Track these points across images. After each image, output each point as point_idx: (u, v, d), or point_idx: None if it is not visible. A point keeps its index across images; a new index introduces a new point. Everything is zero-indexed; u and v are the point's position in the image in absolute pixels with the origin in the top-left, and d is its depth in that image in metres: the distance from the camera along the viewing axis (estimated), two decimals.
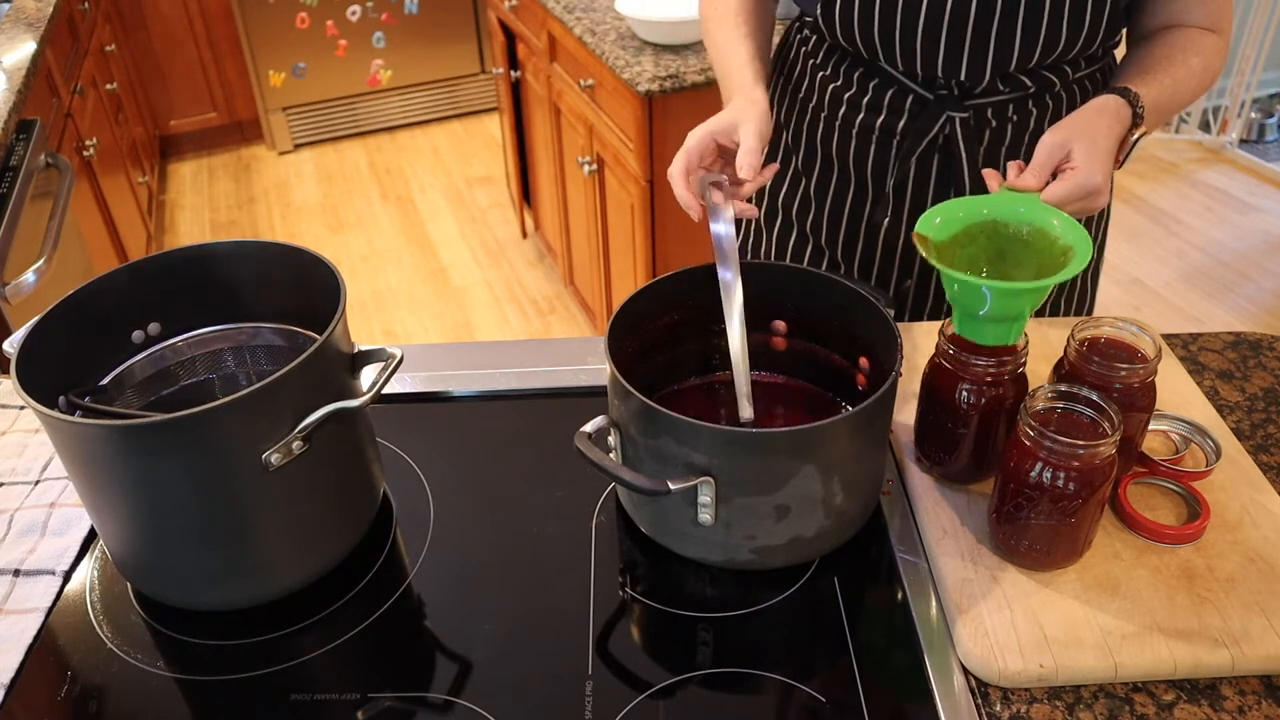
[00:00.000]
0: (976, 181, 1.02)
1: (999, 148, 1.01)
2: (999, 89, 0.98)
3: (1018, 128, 1.01)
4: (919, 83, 0.99)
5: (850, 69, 1.03)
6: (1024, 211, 0.78)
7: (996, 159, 1.02)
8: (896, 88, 1.01)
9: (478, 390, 0.99)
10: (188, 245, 0.84)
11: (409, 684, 0.71)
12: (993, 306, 0.73)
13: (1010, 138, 1.01)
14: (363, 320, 2.92)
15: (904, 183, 1.04)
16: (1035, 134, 1.01)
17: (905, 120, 1.01)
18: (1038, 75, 0.98)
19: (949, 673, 0.70)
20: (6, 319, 1.58)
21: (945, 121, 1.00)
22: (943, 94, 0.99)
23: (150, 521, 0.71)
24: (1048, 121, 1.01)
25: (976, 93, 0.99)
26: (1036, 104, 1.00)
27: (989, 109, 0.99)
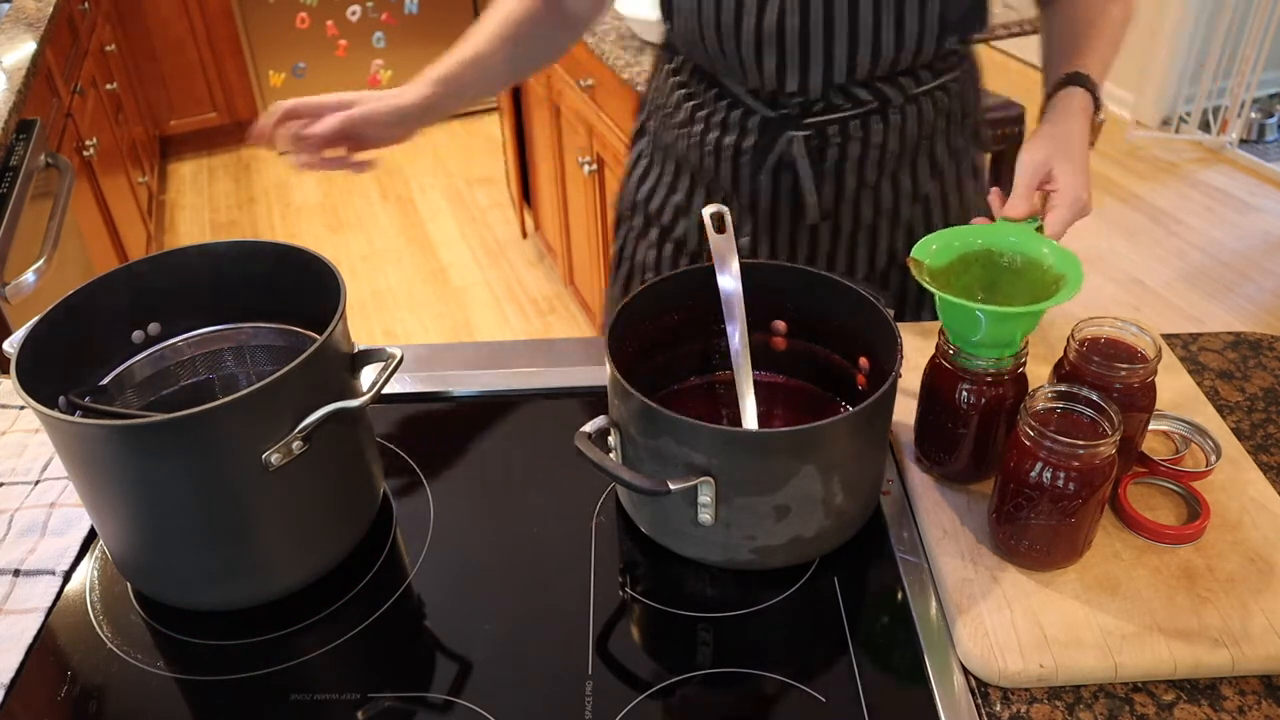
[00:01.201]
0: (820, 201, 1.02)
1: (844, 164, 1.01)
2: (839, 106, 0.98)
3: (863, 144, 1.00)
4: (761, 100, 0.99)
5: (707, 88, 1.03)
6: (1016, 241, 0.79)
7: (843, 175, 1.01)
8: (743, 108, 1.01)
9: (478, 390, 0.99)
10: (187, 245, 0.84)
11: (409, 684, 0.71)
12: (986, 331, 0.73)
13: (856, 154, 1.00)
14: (363, 320, 2.92)
15: (755, 199, 1.04)
16: (882, 150, 1.00)
17: (751, 138, 1.01)
18: (875, 90, 0.97)
19: (949, 673, 0.70)
20: (6, 319, 1.58)
21: (787, 141, 1.00)
22: (784, 113, 0.99)
23: (150, 521, 0.71)
24: (894, 137, 1.00)
25: (816, 110, 0.98)
26: (882, 120, 0.99)
27: (830, 127, 0.99)
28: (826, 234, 1.05)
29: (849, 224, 1.05)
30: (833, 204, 1.03)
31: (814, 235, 1.05)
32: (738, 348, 0.82)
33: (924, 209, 1.06)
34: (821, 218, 1.04)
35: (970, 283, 0.80)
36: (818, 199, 1.02)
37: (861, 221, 1.05)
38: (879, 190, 1.03)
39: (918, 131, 1.01)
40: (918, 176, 1.04)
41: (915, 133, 1.01)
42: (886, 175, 1.02)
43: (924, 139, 1.02)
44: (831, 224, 1.05)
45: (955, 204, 1.09)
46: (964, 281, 0.79)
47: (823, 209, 1.03)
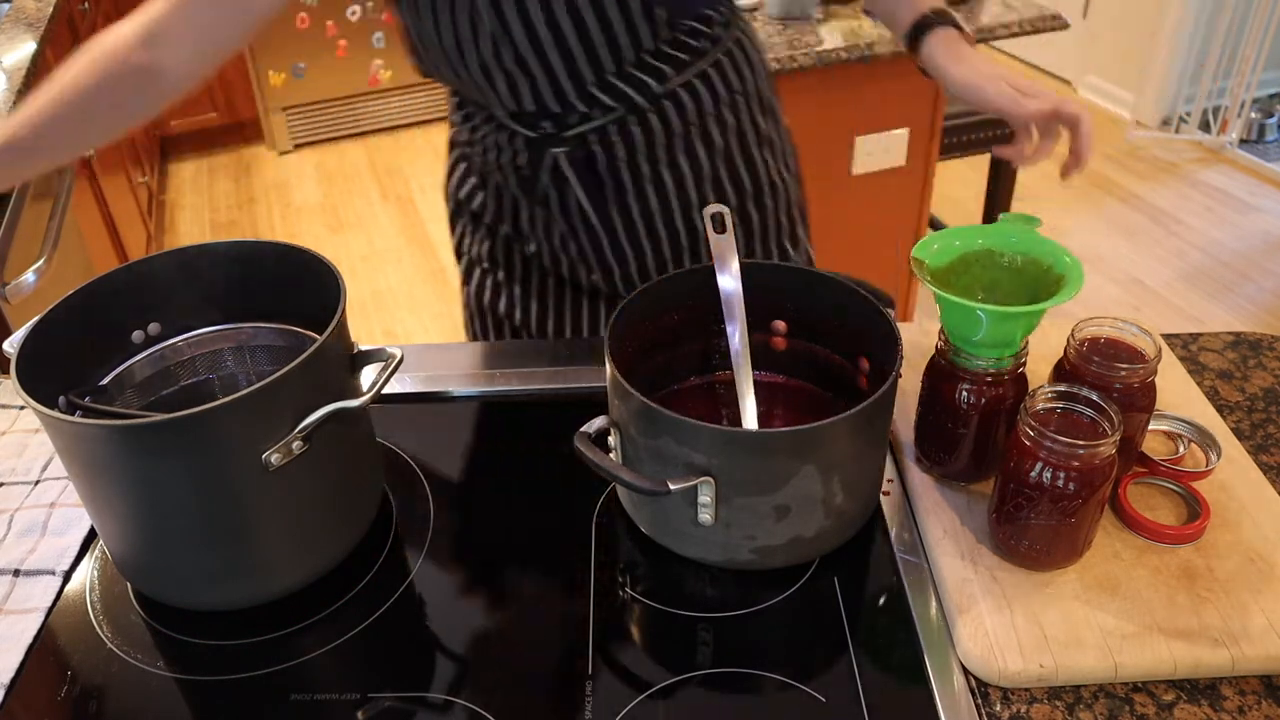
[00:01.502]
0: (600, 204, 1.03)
1: (616, 163, 1.01)
2: (592, 115, 0.98)
3: (625, 147, 1.01)
4: (520, 122, 1.00)
5: (482, 117, 1.05)
6: (1017, 242, 0.79)
7: (618, 174, 1.02)
8: (508, 131, 1.02)
9: (478, 390, 0.99)
10: (188, 245, 0.84)
11: (409, 684, 0.71)
12: (987, 331, 0.73)
13: (621, 156, 1.01)
14: (363, 320, 2.92)
15: (547, 205, 1.05)
16: (649, 144, 1.01)
17: (524, 157, 1.02)
18: (620, 93, 0.97)
19: (949, 673, 0.70)
20: (6, 319, 1.58)
21: (551, 158, 1.01)
22: (544, 131, 1.00)
23: (150, 521, 0.71)
24: (657, 131, 1.01)
25: (573, 123, 0.99)
26: (639, 122, 1.00)
27: (589, 136, 0.99)
28: (620, 224, 1.06)
29: (640, 213, 1.05)
30: (617, 198, 1.04)
31: (609, 225, 1.06)
32: (738, 348, 0.82)
33: (715, 187, 1.07)
34: (603, 217, 1.05)
35: (970, 283, 0.80)
36: (595, 203, 1.03)
37: (651, 207, 1.05)
38: (661, 178, 1.04)
39: (681, 121, 1.01)
40: (698, 159, 1.04)
41: (679, 122, 1.01)
42: (664, 165, 1.03)
43: (691, 124, 1.02)
44: (622, 214, 1.05)
45: (747, 179, 1.09)
46: (964, 281, 0.79)
47: (607, 206, 1.04)
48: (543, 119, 0.99)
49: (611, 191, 1.03)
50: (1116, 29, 3.94)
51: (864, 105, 2.23)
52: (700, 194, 1.06)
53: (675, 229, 1.07)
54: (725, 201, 1.08)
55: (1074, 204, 3.41)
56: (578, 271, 1.11)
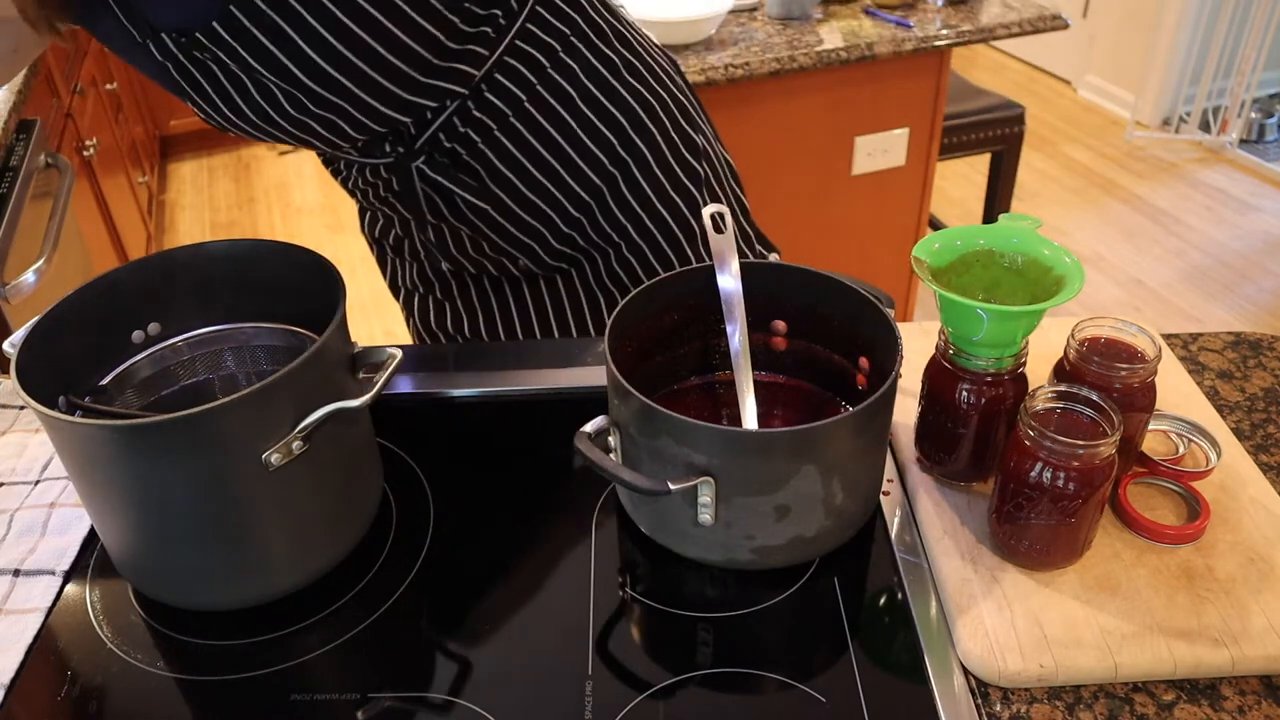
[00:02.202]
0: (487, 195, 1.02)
1: (477, 148, 0.99)
2: (427, 120, 0.96)
3: (479, 130, 0.98)
4: (364, 154, 1.00)
5: (332, 161, 1.05)
6: (1018, 242, 0.79)
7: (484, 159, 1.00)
8: (358, 164, 1.02)
9: (478, 390, 0.99)
10: (187, 245, 0.84)
11: (409, 684, 0.71)
12: (988, 330, 0.73)
13: (479, 137, 0.98)
14: (363, 320, 2.92)
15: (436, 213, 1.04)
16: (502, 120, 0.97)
17: (396, 183, 1.02)
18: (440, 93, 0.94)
19: (949, 673, 0.70)
20: (6, 319, 1.58)
21: (415, 172, 1.00)
22: (396, 152, 0.99)
23: (150, 521, 0.71)
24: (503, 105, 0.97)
25: (414, 135, 0.97)
26: (478, 106, 0.96)
27: (437, 135, 0.98)
28: (513, 201, 1.03)
29: (524, 184, 1.02)
30: (496, 180, 1.01)
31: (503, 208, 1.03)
32: (738, 348, 0.82)
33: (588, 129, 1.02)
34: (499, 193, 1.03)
35: (971, 283, 0.80)
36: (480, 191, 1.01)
37: (533, 174, 1.02)
38: (527, 143, 1.00)
39: (520, 87, 0.97)
40: (555, 112, 1.00)
41: (519, 89, 0.97)
42: (525, 130, 0.99)
43: (534, 84, 0.98)
44: (510, 192, 1.02)
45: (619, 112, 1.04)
46: (964, 281, 0.79)
47: (490, 190, 1.02)
48: (386, 141, 0.98)
49: (487, 176, 1.01)
50: (1116, 29, 3.94)
51: (864, 105, 2.24)
52: (578, 145, 1.02)
53: (569, 186, 1.03)
54: (603, 141, 1.03)
55: (1074, 204, 3.41)
56: (503, 265, 1.10)
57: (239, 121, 0.92)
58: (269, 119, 0.91)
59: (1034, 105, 4.03)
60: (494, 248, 1.07)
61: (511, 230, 1.05)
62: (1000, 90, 2.60)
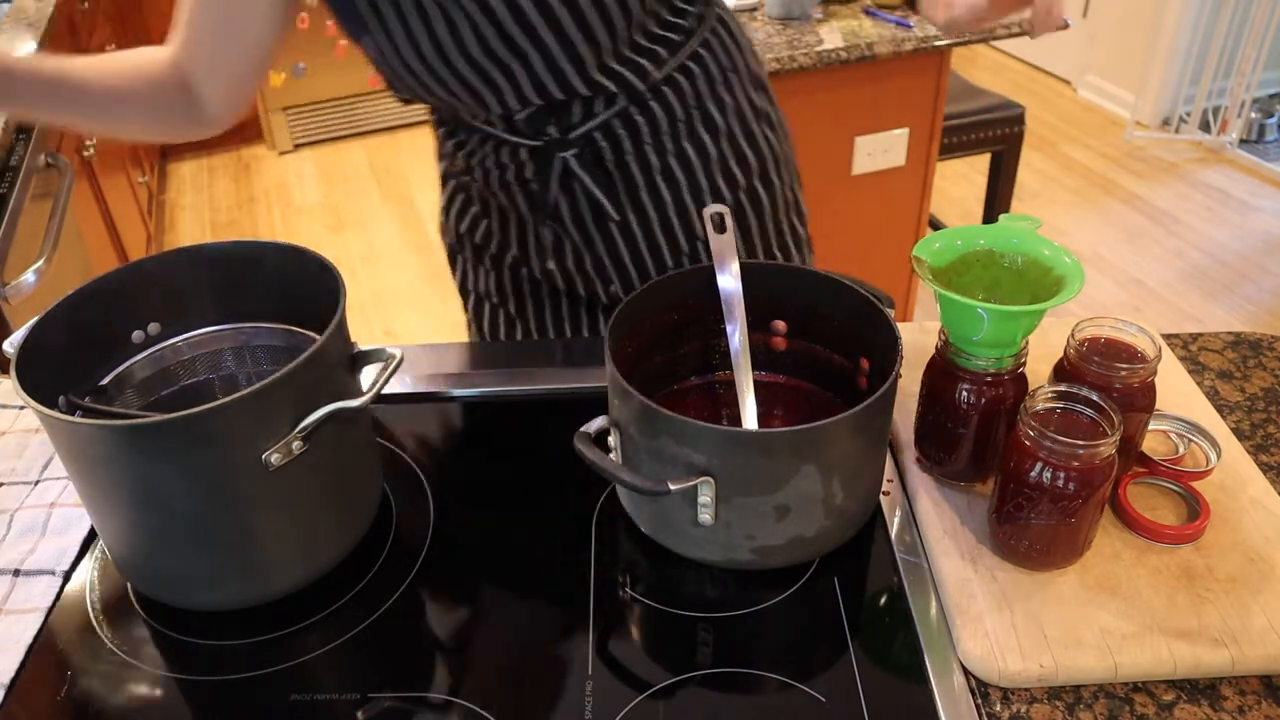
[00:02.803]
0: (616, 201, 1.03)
1: (624, 159, 1.01)
2: (594, 112, 0.98)
3: (631, 140, 1.00)
4: (519, 133, 1.00)
5: (469, 134, 1.04)
6: (1018, 243, 0.79)
7: (628, 169, 1.02)
8: (509, 146, 1.01)
9: (478, 390, 0.99)
10: (187, 245, 0.84)
11: (409, 684, 0.71)
12: (988, 330, 0.73)
13: (629, 150, 1.00)
14: (363, 320, 2.92)
15: (557, 214, 1.04)
16: (655, 133, 1.00)
17: (531, 168, 1.02)
18: (617, 79, 0.96)
19: (949, 673, 0.70)
20: (6, 319, 1.58)
21: (559, 162, 1.00)
22: (547, 138, 0.99)
23: (150, 521, 0.71)
24: (661, 120, 1.00)
25: (574, 124, 0.98)
26: (641, 111, 0.99)
27: (594, 134, 0.99)
28: (636, 222, 1.05)
29: (654, 207, 1.05)
30: (630, 196, 1.03)
31: (625, 227, 1.05)
32: (738, 348, 0.82)
33: (723, 170, 1.06)
34: (628, 210, 1.04)
35: (971, 283, 0.80)
36: (612, 199, 1.03)
37: (665, 200, 1.04)
38: (670, 169, 1.03)
39: (683, 106, 1.01)
40: (704, 144, 1.04)
41: (681, 108, 1.01)
42: (671, 154, 1.02)
43: (692, 108, 1.02)
44: (638, 213, 1.05)
45: (752, 156, 1.08)
46: (965, 281, 0.79)
47: (621, 204, 1.03)
48: (547, 122, 0.98)
49: (623, 189, 1.02)
50: (1116, 29, 3.94)
51: (864, 105, 2.23)
52: (710, 180, 1.05)
53: (689, 221, 1.06)
54: (734, 184, 1.07)
55: (1074, 204, 3.41)
56: (594, 286, 1.10)
57: (412, 61, 0.92)
58: (445, 59, 0.91)
59: (1034, 105, 4.03)
60: (596, 264, 1.08)
61: (621, 249, 1.06)
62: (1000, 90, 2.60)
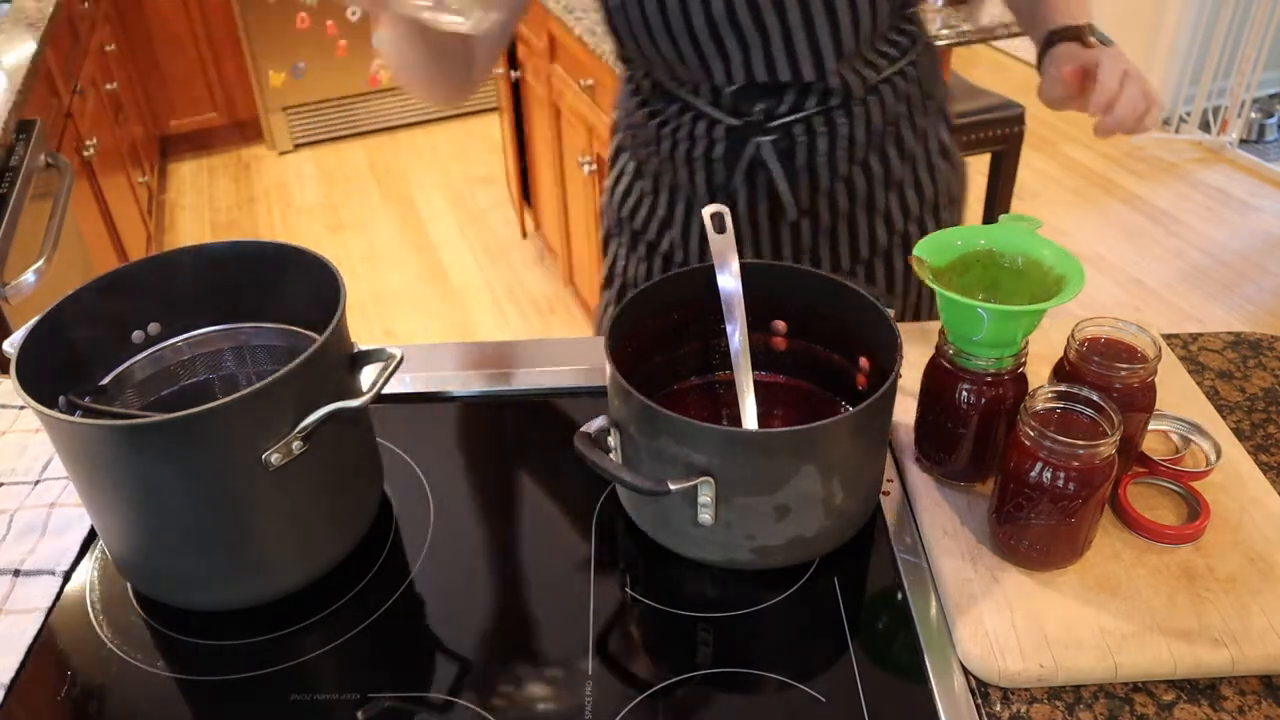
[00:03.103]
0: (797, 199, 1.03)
1: (815, 159, 1.01)
2: (803, 104, 0.98)
3: (830, 139, 1.01)
4: (723, 109, 1.00)
5: (669, 103, 1.04)
6: (1019, 243, 0.79)
7: (815, 170, 1.02)
8: (706, 120, 1.01)
9: (478, 390, 0.99)
10: (188, 245, 0.84)
11: (409, 684, 0.71)
12: (989, 330, 0.73)
13: (825, 149, 1.01)
14: (363, 320, 2.92)
15: (733, 204, 1.05)
16: (850, 140, 1.01)
17: (721, 147, 1.02)
18: (841, 80, 0.97)
19: (949, 673, 0.70)
20: (6, 319, 1.58)
21: (754, 146, 1.00)
22: (748, 119, 0.99)
23: (150, 521, 0.71)
24: (860, 128, 1.01)
25: (780, 113, 0.99)
26: (844, 113, 1.00)
27: (795, 126, 0.99)
28: (807, 229, 1.06)
29: (827, 216, 1.06)
30: (809, 199, 1.04)
31: (795, 232, 1.06)
32: (738, 348, 0.82)
33: (899, 194, 1.07)
34: (799, 214, 1.05)
35: (971, 283, 0.80)
36: (794, 198, 1.03)
37: (839, 212, 1.05)
38: (852, 180, 1.04)
39: (882, 119, 1.02)
40: (889, 162, 1.05)
41: (880, 121, 1.02)
42: (857, 164, 1.03)
43: (889, 125, 1.03)
44: (810, 218, 1.05)
45: (929, 186, 1.10)
46: (965, 281, 0.79)
47: (799, 205, 1.04)
48: (754, 103, 0.98)
49: (806, 189, 1.03)
50: (1116, 29, 3.93)
51: None
52: (885, 200, 1.06)
53: (856, 238, 1.07)
54: (906, 210, 1.08)
55: (1074, 204, 3.41)
56: None
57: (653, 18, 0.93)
58: (688, 21, 0.92)
59: (1034, 105, 4.03)
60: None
61: (785, 250, 1.07)
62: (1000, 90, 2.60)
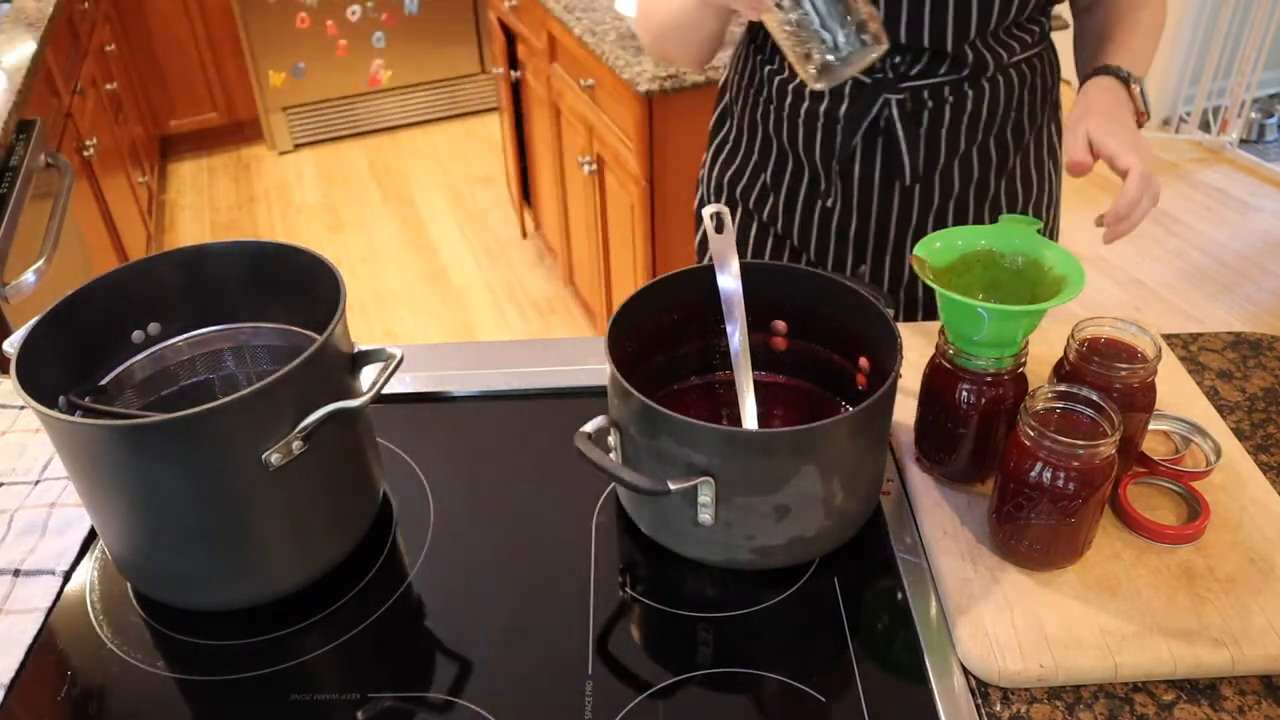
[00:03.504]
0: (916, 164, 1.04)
1: (938, 129, 1.02)
2: (935, 70, 0.99)
3: (955, 109, 1.01)
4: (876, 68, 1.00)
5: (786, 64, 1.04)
6: (1020, 243, 0.79)
7: (937, 141, 1.03)
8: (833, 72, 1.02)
9: (478, 390, 0.99)
10: (187, 245, 0.84)
11: (409, 684, 0.71)
12: (989, 330, 0.73)
13: (949, 120, 1.02)
14: (363, 320, 2.92)
15: (848, 167, 1.05)
16: (974, 116, 1.02)
17: (845, 104, 1.02)
18: (976, 53, 0.98)
19: (949, 673, 0.70)
20: (6, 319, 1.58)
21: (883, 104, 1.01)
22: (879, 76, 1.00)
23: (150, 521, 0.71)
24: (985, 105, 1.01)
25: (912, 75, 0.99)
26: (973, 86, 1.01)
27: (925, 91, 1.00)
28: (918, 202, 1.07)
29: (939, 193, 1.06)
30: (927, 167, 1.04)
31: (905, 203, 1.07)
32: (738, 348, 0.82)
33: (1009, 183, 1.08)
34: (914, 181, 1.05)
35: (971, 283, 0.80)
36: (912, 164, 1.04)
37: (952, 191, 1.06)
38: (968, 160, 1.05)
39: (1006, 102, 1.03)
40: (1006, 150, 1.06)
41: (1004, 103, 1.03)
42: (976, 144, 1.04)
43: (1011, 110, 1.04)
44: (923, 192, 1.06)
45: (1035, 183, 1.11)
46: (965, 281, 0.79)
47: (915, 174, 1.04)
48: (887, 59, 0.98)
49: (924, 158, 1.04)
50: None
51: None
52: (995, 187, 1.07)
53: (965, 217, 1.08)
54: (1014, 198, 1.09)
55: (1074, 204, 3.41)
56: (844, 263, 1.12)
57: None
58: None
59: None
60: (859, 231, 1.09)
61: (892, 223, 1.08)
62: None
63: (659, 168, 1.98)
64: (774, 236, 1.15)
